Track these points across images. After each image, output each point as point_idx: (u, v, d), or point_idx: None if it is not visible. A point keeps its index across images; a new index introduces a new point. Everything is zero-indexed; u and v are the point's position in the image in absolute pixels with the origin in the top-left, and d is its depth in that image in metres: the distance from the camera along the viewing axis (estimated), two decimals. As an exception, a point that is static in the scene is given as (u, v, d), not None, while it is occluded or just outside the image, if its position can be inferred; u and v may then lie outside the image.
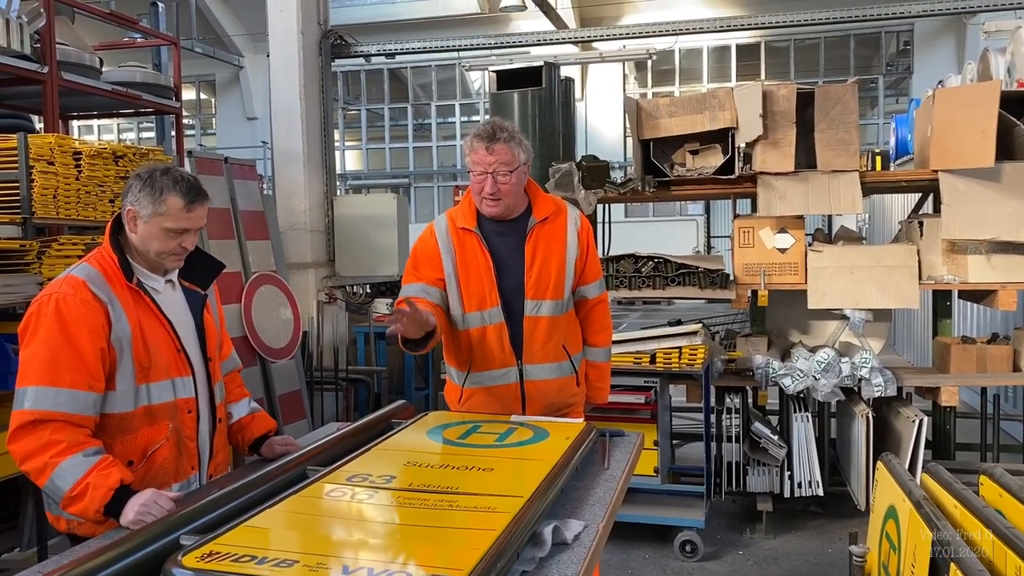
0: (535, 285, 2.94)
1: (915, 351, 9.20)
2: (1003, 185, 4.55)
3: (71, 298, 2.17)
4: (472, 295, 2.94)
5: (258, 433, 2.61)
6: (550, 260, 2.95)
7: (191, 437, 2.38)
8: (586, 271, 3.06)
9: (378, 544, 1.75)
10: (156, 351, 2.28)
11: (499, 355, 2.97)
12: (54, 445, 2.07)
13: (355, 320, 7.69)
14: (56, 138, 4.37)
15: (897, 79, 18.07)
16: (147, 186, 2.25)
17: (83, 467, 2.08)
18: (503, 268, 2.94)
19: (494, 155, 2.81)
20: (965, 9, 7.41)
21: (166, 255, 2.32)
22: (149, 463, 2.28)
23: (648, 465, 4.73)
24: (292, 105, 7.32)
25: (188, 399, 2.37)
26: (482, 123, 2.90)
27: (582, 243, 3.02)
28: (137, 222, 2.27)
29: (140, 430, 2.26)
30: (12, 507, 4.60)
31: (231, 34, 19.51)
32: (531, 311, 2.95)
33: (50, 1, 5.02)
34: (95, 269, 2.26)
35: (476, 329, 2.97)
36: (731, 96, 4.86)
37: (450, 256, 2.95)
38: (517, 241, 2.95)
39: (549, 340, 2.99)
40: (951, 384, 4.77)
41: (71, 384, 2.12)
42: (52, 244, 4.21)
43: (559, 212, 3.01)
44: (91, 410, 2.16)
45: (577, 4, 17.46)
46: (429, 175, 20.73)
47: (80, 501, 2.07)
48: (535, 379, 3.00)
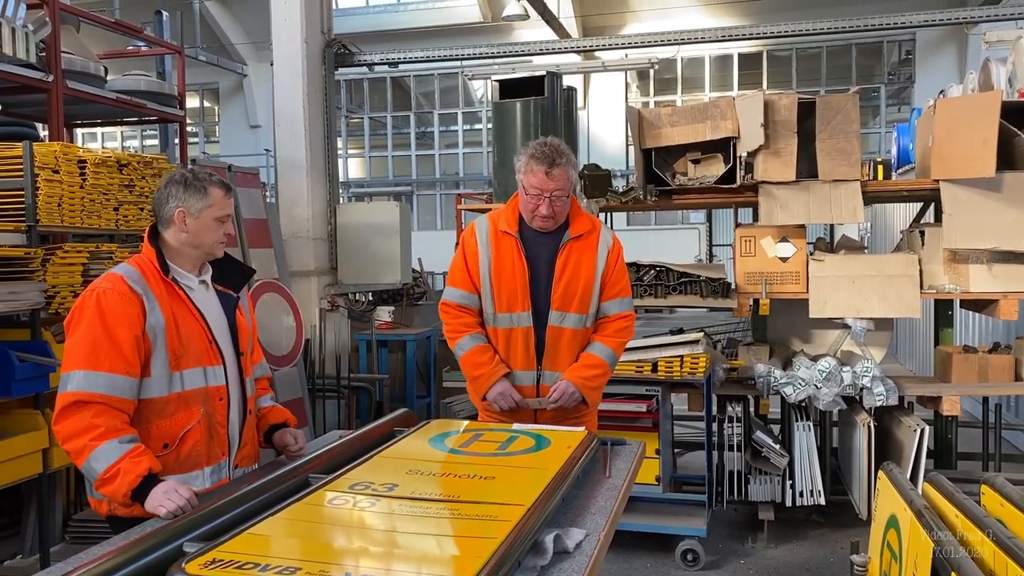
0: (562, 297, 3.05)
1: (917, 360, 9.20)
2: (1004, 195, 4.56)
3: (110, 292, 2.36)
4: (503, 297, 3.08)
5: (274, 421, 2.76)
6: (579, 275, 3.07)
7: (222, 424, 2.53)
8: (608, 286, 3.12)
9: (380, 552, 1.76)
10: (189, 340, 2.45)
11: (523, 357, 3.10)
12: (94, 428, 2.25)
13: (357, 328, 7.70)
14: (61, 146, 4.39)
15: (899, 88, 18.08)
16: (190, 187, 2.48)
17: (117, 453, 2.24)
18: (536, 276, 3.06)
19: (554, 180, 2.95)
20: (966, 19, 7.45)
21: (216, 243, 2.55)
22: (181, 445, 2.44)
23: (650, 474, 4.73)
24: (295, 113, 7.35)
25: (219, 387, 2.52)
26: (537, 143, 3.01)
27: (610, 262, 3.13)
28: (187, 220, 2.47)
29: (175, 415, 2.43)
30: (15, 514, 4.60)
31: (235, 42, 19.57)
32: (555, 321, 3.07)
33: (55, 10, 5.05)
34: (133, 267, 2.46)
35: (505, 329, 3.10)
36: (732, 105, 4.87)
37: (487, 256, 3.09)
38: (552, 252, 3.07)
39: (568, 350, 3.10)
40: (952, 393, 4.77)
41: (109, 369, 2.30)
42: (56, 252, 4.23)
43: (593, 230, 3.14)
44: (128, 393, 2.34)
45: (580, 14, 17.51)
46: (432, 183, 20.74)
47: (111, 484, 2.23)
48: (550, 385, 3.10)
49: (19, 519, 4.53)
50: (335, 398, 6.87)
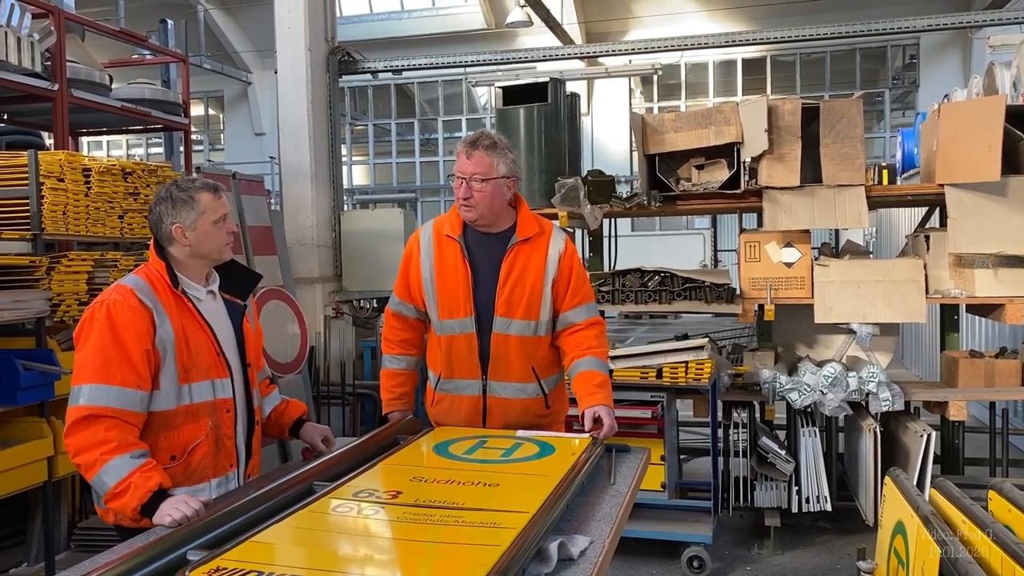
0: (506, 303, 2.94)
1: (923, 365, 9.17)
2: (1009, 199, 4.55)
3: (120, 304, 2.35)
4: (446, 302, 2.98)
5: (296, 415, 2.83)
6: (525, 280, 2.95)
7: (229, 436, 2.54)
8: (568, 295, 3.00)
9: (384, 560, 1.75)
10: (197, 353, 2.45)
11: (467, 366, 3.00)
12: (106, 443, 2.25)
13: (362, 335, 7.70)
14: (66, 155, 4.41)
15: (903, 92, 18.06)
16: (177, 201, 2.46)
17: (128, 467, 2.25)
18: (480, 281, 2.96)
19: (472, 161, 2.88)
20: (970, 23, 7.43)
21: (223, 246, 2.54)
22: (189, 458, 2.44)
23: (655, 480, 4.71)
24: (300, 121, 7.37)
25: (226, 399, 2.53)
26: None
27: (563, 267, 2.99)
28: (186, 234, 2.46)
29: (182, 427, 2.43)
30: (20, 522, 4.61)
31: (239, 50, 19.65)
32: (500, 328, 2.95)
33: (60, 19, 5.08)
34: (142, 279, 2.45)
35: (448, 336, 3.01)
36: (736, 111, 4.87)
37: (429, 262, 3.01)
38: (497, 257, 2.96)
39: (517, 360, 2.98)
40: (959, 398, 4.75)
41: (121, 382, 2.30)
42: (61, 260, 4.24)
43: (542, 233, 3.01)
44: (139, 407, 2.34)
45: (583, 20, 17.55)
46: (436, 189, 20.77)
47: (121, 498, 2.24)
48: (498, 395, 3.01)
49: (25, 527, 4.54)
50: (340, 405, 6.88)
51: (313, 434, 2.80)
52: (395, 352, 3.17)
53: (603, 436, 2.76)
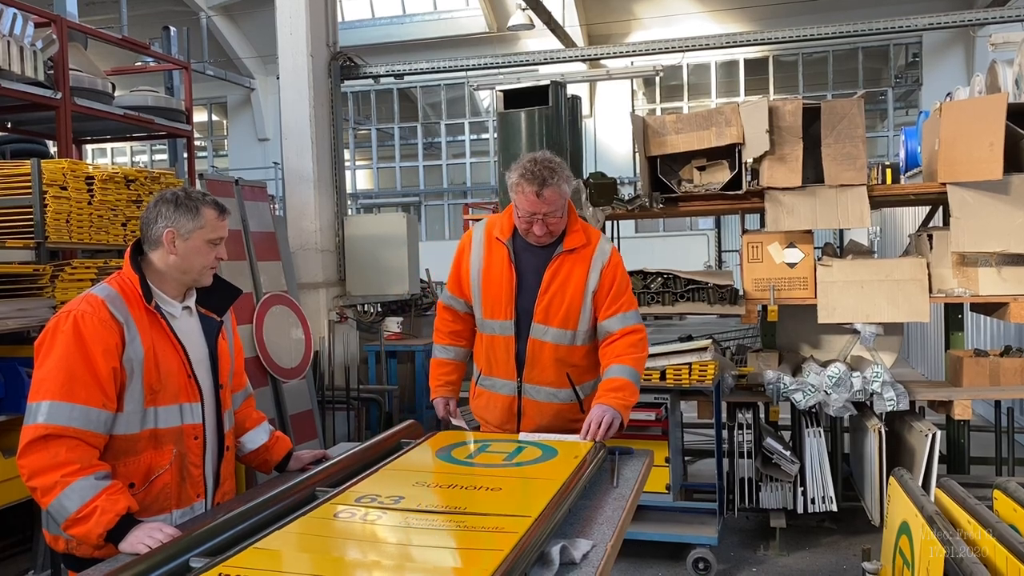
0: (545, 310, 2.98)
1: (928, 364, 9.14)
2: (1011, 197, 4.54)
3: (89, 316, 2.18)
4: (489, 303, 3.05)
5: (284, 452, 2.70)
6: (565, 290, 2.98)
7: (196, 464, 2.36)
8: (606, 305, 3.01)
9: (387, 565, 1.75)
10: (167, 375, 2.28)
11: (504, 366, 3.06)
12: (67, 465, 2.07)
13: (366, 339, 7.71)
14: (69, 163, 4.43)
15: (906, 91, 18.05)
16: (181, 206, 2.31)
17: (92, 490, 2.07)
18: (524, 286, 3.01)
19: (545, 203, 2.86)
20: (972, 22, 7.41)
21: (206, 269, 2.38)
22: (150, 488, 2.27)
23: (660, 482, 4.71)
24: (302, 126, 7.38)
25: (195, 425, 2.36)
26: (528, 159, 2.91)
27: (605, 278, 3.00)
28: (176, 242, 2.31)
29: (143, 453, 2.26)
30: (26, 530, 4.62)
31: (242, 56, 19.72)
32: (537, 334, 3.00)
33: (63, 28, 5.10)
34: (115, 290, 2.27)
35: (488, 336, 3.09)
36: (737, 112, 4.87)
37: (478, 261, 3.07)
38: (542, 264, 3.00)
39: (551, 365, 3.02)
40: (964, 397, 4.74)
41: (85, 400, 2.12)
42: (65, 268, 4.25)
43: (588, 244, 3.03)
44: (102, 428, 2.16)
45: (584, 22, 17.57)
46: (439, 193, 20.82)
47: (85, 524, 2.06)
48: (532, 398, 3.06)
49: (31, 535, 4.55)
50: (344, 410, 6.88)
51: (301, 459, 2.69)
52: (445, 343, 3.24)
53: (600, 437, 2.77)
